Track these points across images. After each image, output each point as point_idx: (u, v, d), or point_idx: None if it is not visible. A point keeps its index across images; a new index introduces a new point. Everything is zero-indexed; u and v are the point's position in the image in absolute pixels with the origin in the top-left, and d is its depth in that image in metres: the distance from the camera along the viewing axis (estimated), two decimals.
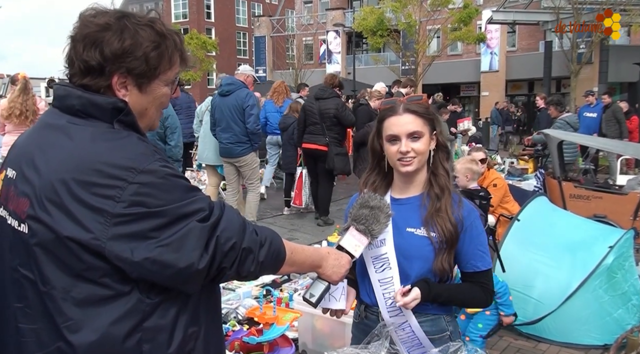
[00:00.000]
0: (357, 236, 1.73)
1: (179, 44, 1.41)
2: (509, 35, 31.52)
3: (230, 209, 1.37)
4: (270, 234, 1.41)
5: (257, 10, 48.00)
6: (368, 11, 26.39)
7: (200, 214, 1.27)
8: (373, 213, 1.75)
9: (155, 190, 1.24)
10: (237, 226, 1.33)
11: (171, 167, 1.31)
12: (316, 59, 38.01)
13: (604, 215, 5.96)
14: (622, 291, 4.08)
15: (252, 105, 6.48)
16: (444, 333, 1.91)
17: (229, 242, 1.29)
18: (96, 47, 1.29)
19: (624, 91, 26.23)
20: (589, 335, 4.02)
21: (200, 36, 35.54)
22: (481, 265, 1.90)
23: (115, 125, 1.31)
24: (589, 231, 4.62)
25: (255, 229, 1.37)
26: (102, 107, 1.31)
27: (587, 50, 22.73)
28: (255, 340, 3.44)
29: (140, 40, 1.31)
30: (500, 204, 5.57)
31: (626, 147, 8.29)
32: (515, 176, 10.23)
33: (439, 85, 31.96)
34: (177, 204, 1.25)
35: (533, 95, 29.85)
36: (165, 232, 1.23)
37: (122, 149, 1.26)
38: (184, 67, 1.46)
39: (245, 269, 1.33)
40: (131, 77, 1.33)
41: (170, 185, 1.27)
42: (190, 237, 1.24)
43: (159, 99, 1.42)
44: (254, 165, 6.87)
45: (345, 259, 1.69)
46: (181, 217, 1.25)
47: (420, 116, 1.88)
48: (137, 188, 1.22)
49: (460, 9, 25.07)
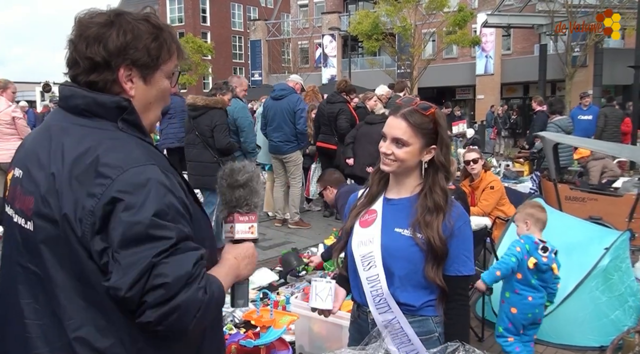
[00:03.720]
0: (245, 218, 1.59)
1: (175, 36, 1.46)
2: (504, 38, 31.62)
3: (191, 259, 1.26)
4: (217, 288, 1.33)
5: (252, 14, 48.02)
6: (363, 15, 26.46)
7: (164, 245, 1.21)
8: (248, 188, 1.58)
9: (135, 193, 1.22)
10: (182, 273, 1.22)
11: (168, 177, 1.30)
12: (312, 63, 38.03)
13: (600, 217, 5.99)
14: (618, 292, 4.09)
15: (303, 108, 7.30)
16: (432, 334, 1.93)
17: (160, 279, 1.19)
18: (100, 43, 1.33)
19: (618, 93, 26.37)
20: (586, 337, 4.02)
21: (195, 40, 35.54)
22: (464, 270, 1.91)
23: (119, 123, 1.34)
24: (585, 232, 4.64)
25: (205, 287, 1.27)
26: (106, 105, 1.34)
27: (582, 53, 22.87)
28: (252, 343, 3.43)
29: (140, 33, 1.36)
30: (497, 207, 5.58)
31: (621, 149, 8.33)
32: (510, 179, 10.27)
33: (434, 89, 32.09)
34: (149, 222, 1.20)
35: (528, 98, 29.97)
36: (123, 250, 1.19)
37: (118, 151, 1.28)
38: (181, 59, 1.48)
39: (175, 325, 1.22)
40: (136, 69, 1.37)
41: (151, 194, 1.23)
42: (137, 265, 1.18)
43: (161, 93, 1.45)
44: (298, 162, 7.64)
45: (249, 249, 1.59)
46: (144, 239, 1.20)
47: (414, 127, 1.87)
48: (119, 186, 1.22)
49: (455, 12, 25.15)
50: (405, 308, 1.90)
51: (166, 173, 1.30)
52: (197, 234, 1.35)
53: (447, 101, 18.35)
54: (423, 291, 1.90)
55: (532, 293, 3.46)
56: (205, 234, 1.44)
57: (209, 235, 1.50)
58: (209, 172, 5.64)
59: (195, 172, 6.01)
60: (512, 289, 3.52)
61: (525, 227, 3.59)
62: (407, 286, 1.89)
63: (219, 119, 5.87)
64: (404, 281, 1.89)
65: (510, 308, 3.53)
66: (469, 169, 5.68)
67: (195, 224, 1.36)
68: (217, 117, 5.87)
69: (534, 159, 10.46)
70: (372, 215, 1.98)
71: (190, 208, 1.34)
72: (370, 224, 1.97)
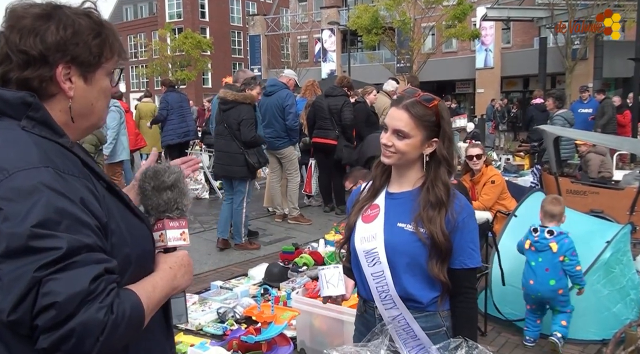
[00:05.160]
0: (176, 224, 1.44)
1: (116, 34, 1.35)
2: (504, 32, 31.56)
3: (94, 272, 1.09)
4: (130, 306, 1.15)
5: (251, 9, 47.97)
6: (362, 9, 26.41)
7: (48, 257, 1.05)
8: (177, 189, 1.45)
9: (18, 200, 1.07)
10: (77, 290, 1.06)
11: (66, 182, 1.14)
12: (311, 58, 37.97)
13: (601, 210, 5.97)
14: (620, 285, 4.09)
15: (291, 104, 7.33)
16: (440, 328, 1.91)
17: (48, 298, 1.04)
18: (36, 36, 1.21)
19: (618, 86, 26.33)
20: (587, 330, 4.02)
21: (194, 35, 35.53)
22: (469, 262, 1.88)
23: (23, 122, 1.20)
24: (586, 226, 4.62)
25: (112, 305, 1.10)
26: (9, 102, 1.20)
27: (582, 46, 22.84)
28: (253, 339, 3.43)
29: (81, 29, 1.26)
30: (498, 201, 5.56)
31: (622, 142, 8.32)
32: (511, 173, 10.26)
33: (434, 83, 32.02)
34: (28, 233, 1.05)
35: (528, 91, 29.94)
36: (5, 266, 1.05)
37: (7, 152, 1.14)
38: (122, 58, 1.37)
39: (75, 351, 1.06)
40: (75, 67, 1.26)
41: (37, 201, 1.08)
42: (18, 282, 1.04)
43: (103, 92, 1.34)
44: (292, 157, 7.72)
45: (184, 257, 1.43)
46: (24, 252, 1.05)
47: (416, 119, 1.84)
48: (1, 192, 1.08)
49: (455, 5, 25.09)
50: (412, 304, 1.88)
51: (64, 176, 1.14)
52: (120, 247, 1.22)
53: (447, 94, 18.33)
54: (429, 286, 1.88)
55: (532, 277, 3.91)
56: (132, 247, 1.26)
57: (141, 248, 1.32)
58: (235, 162, 6.25)
59: (223, 162, 6.40)
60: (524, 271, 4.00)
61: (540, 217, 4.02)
62: (413, 282, 1.87)
63: (245, 114, 6.22)
64: (409, 277, 1.87)
65: (522, 285, 3.99)
66: (472, 165, 5.66)
67: (117, 236, 1.22)
68: (245, 112, 6.23)
69: (535, 153, 10.46)
70: (375, 210, 1.96)
71: (103, 218, 1.18)
72: (372, 219, 1.95)
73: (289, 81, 7.69)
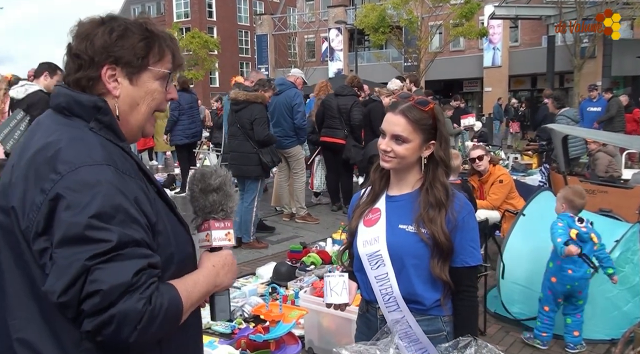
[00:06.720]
0: (221, 225, 1.51)
1: (170, 44, 1.42)
2: (512, 30, 31.41)
3: (136, 266, 1.17)
4: (168, 299, 1.22)
5: (258, 9, 47.97)
6: (370, 8, 26.36)
7: (99, 248, 1.14)
8: (222, 192, 1.51)
9: (81, 192, 1.17)
10: (120, 281, 1.14)
11: (125, 180, 1.24)
12: (318, 57, 37.96)
13: (610, 209, 5.92)
14: (630, 284, 4.07)
15: (300, 103, 7.38)
16: (441, 332, 1.93)
17: (94, 286, 1.13)
18: (88, 40, 1.32)
19: (627, 84, 26.14)
20: (597, 330, 4.00)
21: (202, 35, 35.62)
22: (470, 261, 1.91)
23: (91, 123, 1.31)
24: (595, 225, 4.59)
25: (151, 297, 1.18)
26: (83, 104, 1.32)
27: (590, 44, 22.68)
28: (261, 338, 3.44)
29: (129, 33, 1.35)
30: (506, 200, 5.55)
31: (631, 141, 8.23)
32: (519, 172, 10.21)
33: (441, 82, 31.96)
34: (86, 223, 1.14)
35: (536, 90, 29.78)
36: (60, 251, 1.15)
37: (76, 148, 1.24)
38: (178, 69, 1.45)
39: (114, 336, 1.15)
40: (120, 68, 1.34)
41: (97, 194, 1.17)
42: (70, 268, 1.13)
43: (151, 95, 1.40)
44: (299, 157, 7.72)
45: (228, 257, 1.51)
46: (79, 241, 1.14)
47: (413, 123, 1.87)
48: (67, 183, 1.17)
49: (462, 4, 25.00)
50: (414, 306, 1.90)
51: (123, 176, 1.24)
52: (165, 247, 1.30)
53: (455, 93, 18.28)
54: (432, 286, 1.89)
55: (572, 265, 3.79)
56: (175, 248, 1.36)
57: (184, 250, 1.41)
58: (249, 162, 6.30)
59: (236, 162, 6.39)
60: (555, 261, 3.90)
61: (562, 208, 3.99)
62: (416, 282, 1.88)
63: (258, 113, 6.26)
64: (412, 278, 1.88)
65: (551, 277, 3.90)
66: (475, 167, 5.64)
67: (164, 237, 1.31)
68: (257, 111, 6.27)
69: (543, 152, 10.40)
70: (376, 214, 1.98)
71: (153, 218, 1.28)
72: (374, 223, 1.97)
73: (297, 80, 7.73)
